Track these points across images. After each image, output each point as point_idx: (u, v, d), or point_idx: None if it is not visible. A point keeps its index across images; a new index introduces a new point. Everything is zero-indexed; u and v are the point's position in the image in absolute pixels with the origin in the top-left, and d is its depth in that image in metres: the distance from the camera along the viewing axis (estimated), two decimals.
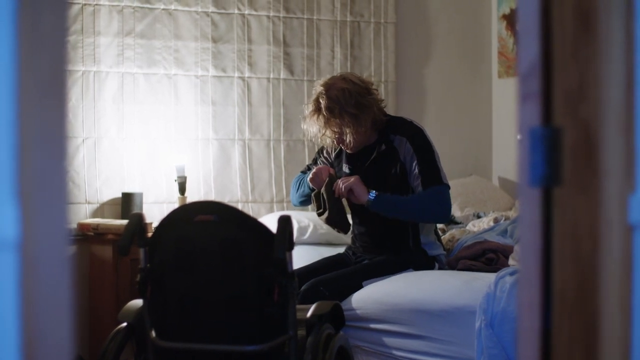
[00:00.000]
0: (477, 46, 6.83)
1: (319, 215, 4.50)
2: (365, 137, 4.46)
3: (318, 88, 4.42)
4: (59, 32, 1.45)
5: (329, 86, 4.40)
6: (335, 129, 4.38)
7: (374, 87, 4.54)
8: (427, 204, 4.33)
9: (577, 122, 1.66)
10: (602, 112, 1.62)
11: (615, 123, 1.61)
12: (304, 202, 4.78)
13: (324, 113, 4.34)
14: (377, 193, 4.30)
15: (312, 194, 4.52)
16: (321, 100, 4.36)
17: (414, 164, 4.38)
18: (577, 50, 1.66)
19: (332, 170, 4.51)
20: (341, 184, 4.34)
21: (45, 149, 1.44)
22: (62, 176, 1.45)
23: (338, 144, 4.47)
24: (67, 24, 1.48)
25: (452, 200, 5.96)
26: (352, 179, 4.32)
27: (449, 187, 4.39)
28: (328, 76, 4.56)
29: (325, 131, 4.39)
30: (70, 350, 1.47)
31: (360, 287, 4.34)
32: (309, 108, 4.45)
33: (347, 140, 4.42)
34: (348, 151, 4.53)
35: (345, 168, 4.60)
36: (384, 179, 4.45)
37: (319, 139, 4.47)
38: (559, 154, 1.68)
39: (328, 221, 4.46)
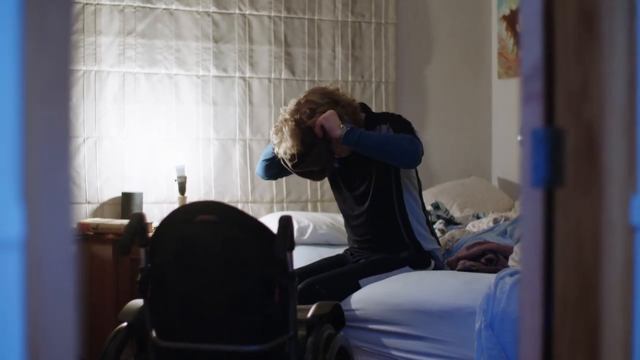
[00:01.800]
0: (477, 47, 6.83)
1: (295, 166, 4.43)
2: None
3: (290, 124, 4.36)
4: (65, 31, 1.45)
5: (296, 119, 4.37)
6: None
7: (339, 91, 4.54)
8: (400, 142, 4.25)
9: (579, 123, 1.66)
10: (605, 113, 1.63)
11: (618, 124, 1.62)
12: (268, 166, 4.67)
13: (301, 148, 4.35)
14: (350, 126, 4.28)
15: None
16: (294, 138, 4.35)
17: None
18: (580, 51, 1.66)
19: None
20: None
21: (50, 148, 1.44)
22: (66, 176, 1.45)
23: None
24: (72, 23, 1.48)
25: (452, 201, 5.98)
26: (325, 113, 4.32)
27: (418, 137, 4.37)
28: (292, 104, 4.44)
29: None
30: (75, 349, 1.47)
31: (356, 285, 4.35)
32: (286, 142, 4.38)
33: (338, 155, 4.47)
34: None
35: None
36: (367, 170, 4.50)
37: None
38: (561, 155, 1.68)
39: (312, 162, 4.41)
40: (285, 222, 3.08)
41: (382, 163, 4.40)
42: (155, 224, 3.32)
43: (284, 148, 4.36)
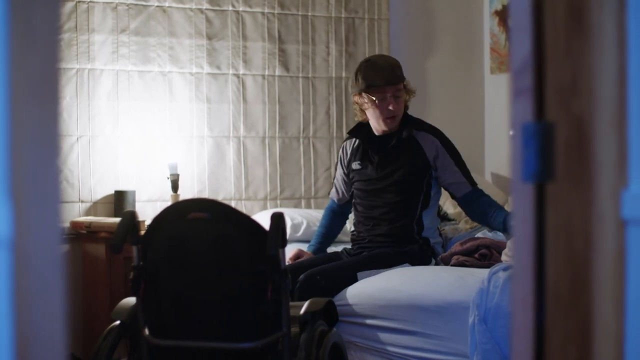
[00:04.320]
0: (469, 42, 6.83)
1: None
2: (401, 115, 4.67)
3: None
4: (51, 30, 1.45)
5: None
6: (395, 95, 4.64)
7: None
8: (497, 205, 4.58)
9: (569, 117, 1.66)
10: (595, 107, 1.62)
11: (608, 118, 1.61)
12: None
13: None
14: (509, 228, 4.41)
15: None
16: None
17: (449, 165, 4.62)
18: (570, 46, 1.66)
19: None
20: None
21: (38, 147, 1.44)
22: (54, 174, 1.45)
23: (387, 113, 4.63)
24: (59, 22, 1.47)
25: (445, 197, 5.97)
26: None
27: None
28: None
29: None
30: (64, 347, 1.47)
31: (355, 278, 4.36)
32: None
33: (399, 109, 4.66)
34: (388, 127, 4.66)
35: (356, 165, 4.69)
36: (401, 167, 4.59)
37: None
38: (552, 149, 1.68)
39: None
40: (277, 219, 3.08)
41: (418, 172, 4.60)
42: (149, 222, 3.32)
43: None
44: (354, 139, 4.79)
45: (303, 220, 5.46)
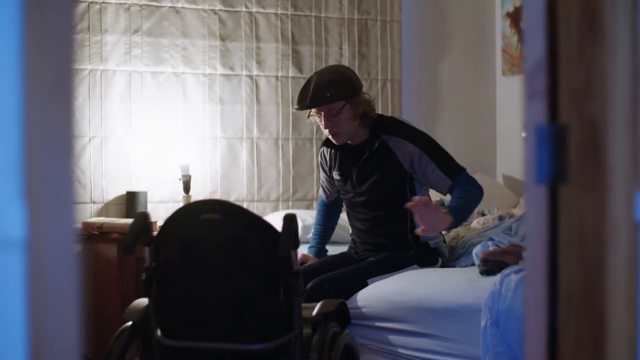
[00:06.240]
0: (481, 44, 6.83)
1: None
2: (353, 128, 4.46)
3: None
4: (66, 30, 1.45)
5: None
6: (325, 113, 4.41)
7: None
8: (473, 194, 4.30)
9: (583, 120, 1.66)
10: (608, 109, 1.62)
11: (622, 120, 1.61)
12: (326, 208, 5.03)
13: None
14: (451, 217, 4.14)
15: None
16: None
17: (426, 165, 4.37)
18: (583, 48, 1.65)
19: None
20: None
21: (52, 148, 1.44)
22: (69, 175, 1.45)
23: (326, 127, 4.46)
24: (74, 22, 1.48)
25: None
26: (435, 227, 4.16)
27: (466, 169, 4.41)
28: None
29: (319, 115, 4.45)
30: (78, 350, 1.47)
31: (365, 285, 4.34)
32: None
33: (338, 128, 4.43)
34: (335, 142, 4.51)
35: (336, 175, 4.62)
36: (380, 182, 4.49)
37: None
38: (565, 152, 1.67)
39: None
40: (290, 220, 3.08)
41: (395, 167, 4.43)
42: (160, 223, 3.33)
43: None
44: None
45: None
